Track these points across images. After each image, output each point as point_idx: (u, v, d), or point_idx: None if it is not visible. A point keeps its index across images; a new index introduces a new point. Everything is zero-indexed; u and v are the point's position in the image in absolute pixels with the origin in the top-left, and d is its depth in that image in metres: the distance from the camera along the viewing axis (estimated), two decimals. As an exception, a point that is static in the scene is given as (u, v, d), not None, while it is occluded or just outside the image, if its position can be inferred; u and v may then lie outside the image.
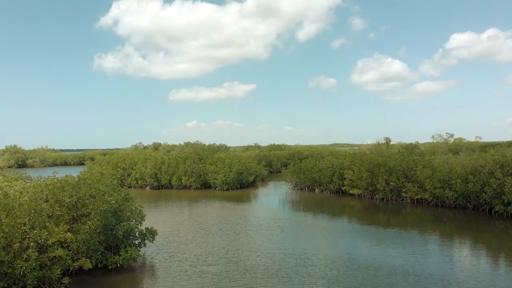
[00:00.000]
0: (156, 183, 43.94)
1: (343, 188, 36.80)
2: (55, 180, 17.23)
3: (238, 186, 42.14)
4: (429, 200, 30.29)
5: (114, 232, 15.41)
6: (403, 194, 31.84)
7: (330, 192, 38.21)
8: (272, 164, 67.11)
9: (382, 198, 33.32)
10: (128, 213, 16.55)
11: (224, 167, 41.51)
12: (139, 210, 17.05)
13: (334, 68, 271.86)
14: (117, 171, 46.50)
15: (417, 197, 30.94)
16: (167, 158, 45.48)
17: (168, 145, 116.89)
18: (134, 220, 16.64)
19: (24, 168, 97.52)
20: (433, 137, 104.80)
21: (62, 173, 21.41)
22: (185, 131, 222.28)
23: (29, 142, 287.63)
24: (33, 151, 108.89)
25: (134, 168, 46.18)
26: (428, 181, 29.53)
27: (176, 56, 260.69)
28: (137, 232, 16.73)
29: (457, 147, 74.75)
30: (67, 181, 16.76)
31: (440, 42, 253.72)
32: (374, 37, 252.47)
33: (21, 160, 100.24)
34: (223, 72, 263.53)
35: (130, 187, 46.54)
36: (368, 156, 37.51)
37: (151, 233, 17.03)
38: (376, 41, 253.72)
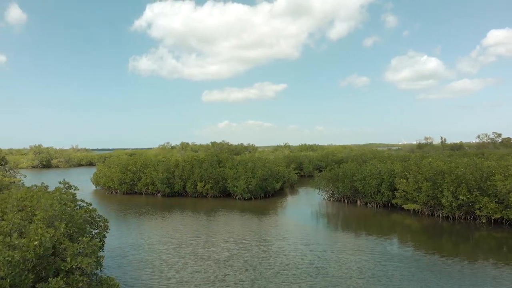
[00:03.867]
0: (168, 190, 37.99)
1: (394, 202, 29.32)
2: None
3: (262, 194, 35.41)
4: (516, 222, 22.61)
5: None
6: (477, 212, 24.25)
7: (377, 206, 30.75)
8: (303, 166, 59.83)
9: (447, 216, 25.75)
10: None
11: (246, 172, 34.92)
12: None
13: (366, 66, 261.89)
14: (127, 175, 40.99)
15: (497, 216, 23.39)
16: (181, 161, 39.41)
17: (195, 145, 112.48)
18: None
19: (48, 169, 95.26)
20: (478, 136, 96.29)
21: (75, 173, 15.64)
22: (217, 131, 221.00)
23: (61, 142, 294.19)
24: (58, 151, 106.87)
25: (145, 172, 40.49)
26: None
27: (208, 58, 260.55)
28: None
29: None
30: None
31: (477, 39, 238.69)
32: (408, 34, 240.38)
33: (46, 160, 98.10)
34: (254, 72, 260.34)
35: (141, 193, 40.98)
36: (428, 161, 29.73)
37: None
38: (411, 39, 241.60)
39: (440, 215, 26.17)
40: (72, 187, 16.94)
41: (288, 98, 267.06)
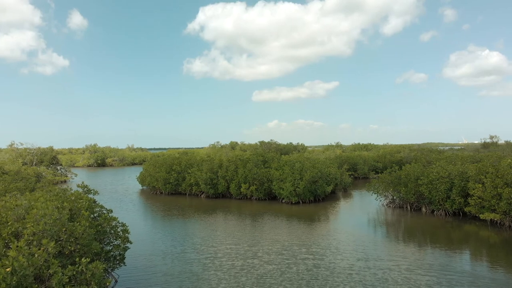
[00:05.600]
0: (212, 191, 36.05)
1: (466, 210, 24.93)
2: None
3: (312, 198, 32.22)
4: None
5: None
6: None
7: (446, 214, 26.42)
8: (358, 167, 55.44)
9: (537, 230, 21.05)
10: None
11: (293, 173, 31.93)
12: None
13: (423, 62, 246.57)
14: (171, 175, 39.72)
15: None
16: (225, 160, 37.28)
17: (244, 144, 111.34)
18: None
19: (103, 167, 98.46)
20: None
21: (127, 172, 14.09)
22: (266, 131, 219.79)
23: (118, 142, 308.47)
24: (113, 150, 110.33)
25: (189, 172, 38.92)
26: None
27: (258, 58, 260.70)
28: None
29: None
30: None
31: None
32: (468, 28, 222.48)
33: (101, 159, 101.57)
34: (304, 71, 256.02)
35: (184, 194, 39.50)
36: (508, 162, 24.92)
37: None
38: (470, 32, 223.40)
39: (529, 228, 21.56)
40: (92, 191, 15.07)
41: (340, 96, 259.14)
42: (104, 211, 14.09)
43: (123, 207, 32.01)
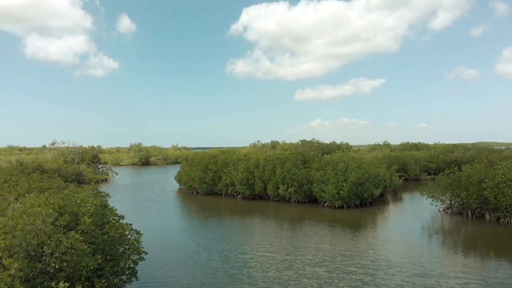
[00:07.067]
0: (248, 191, 33.98)
1: (547, 220, 20.90)
2: None
3: (358, 202, 29.13)
4: None
5: None
6: None
7: (519, 224, 22.48)
8: (408, 168, 51.09)
9: None
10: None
11: (336, 174, 29.01)
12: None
13: (474, 58, 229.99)
14: (207, 174, 38.17)
15: None
16: (262, 160, 35.02)
17: (285, 143, 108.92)
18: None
19: (147, 166, 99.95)
20: None
21: (170, 171, 12.65)
22: (309, 130, 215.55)
23: (164, 141, 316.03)
24: (157, 149, 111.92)
25: (225, 171, 37.12)
26: None
27: (301, 57, 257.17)
28: None
29: None
30: None
31: None
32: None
33: (145, 158, 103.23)
34: (348, 68, 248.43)
35: (220, 194, 37.78)
36: None
37: None
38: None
39: None
40: (102, 193, 13.34)
41: (386, 93, 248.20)
42: (116, 217, 12.30)
43: (154, 207, 30.77)
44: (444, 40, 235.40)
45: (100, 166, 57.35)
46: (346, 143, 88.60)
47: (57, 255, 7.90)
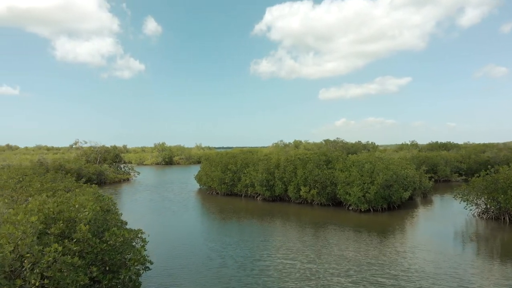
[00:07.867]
0: (268, 193, 32.69)
1: None
2: None
3: (385, 206, 27.30)
4: None
5: None
6: None
7: None
8: (438, 169, 48.44)
9: None
10: None
11: (362, 175, 27.28)
12: None
13: (504, 55, 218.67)
14: (226, 174, 37.14)
15: None
16: (282, 160, 33.63)
17: (308, 143, 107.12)
18: None
19: (170, 165, 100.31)
20: None
21: (192, 170, 11.82)
22: (333, 129, 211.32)
23: (188, 141, 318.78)
24: (180, 149, 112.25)
25: (245, 172, 35.97)
26: None
27: (325, 55, 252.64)
28: None
29: None
30: None
31: None
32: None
33: (168, 157, 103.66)
34: (373, 67, 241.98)
35: (240, 195, 36.66)
36: None
37: None
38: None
39: None
40: (105, 197, 12.36)
41: (413, 92, 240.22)
42: (118, 223, 11.31)
43: (170, 208, 29.93)
44: (472, 37, 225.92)
45: (122, 166, 57.41)
46: (372, 142, 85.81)
47: (37, 270, 6.89)
